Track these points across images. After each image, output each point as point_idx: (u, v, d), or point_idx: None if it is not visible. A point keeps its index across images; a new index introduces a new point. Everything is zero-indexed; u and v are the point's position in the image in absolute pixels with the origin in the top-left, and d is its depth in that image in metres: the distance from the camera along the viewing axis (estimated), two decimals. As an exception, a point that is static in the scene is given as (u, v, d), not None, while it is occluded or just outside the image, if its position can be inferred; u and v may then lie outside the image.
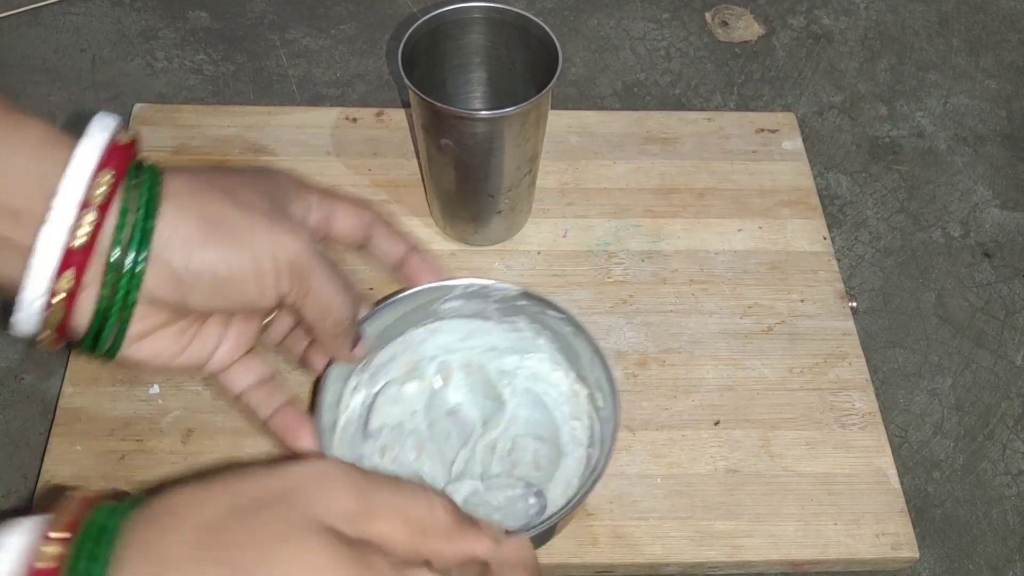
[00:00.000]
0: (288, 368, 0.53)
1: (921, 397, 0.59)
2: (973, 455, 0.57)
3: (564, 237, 0.62)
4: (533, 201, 0.62)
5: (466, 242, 0.61)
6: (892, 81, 0.76)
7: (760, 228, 0.63)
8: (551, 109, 0.56)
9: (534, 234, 0.62)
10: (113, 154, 0.41)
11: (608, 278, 0.60)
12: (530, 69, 0.56)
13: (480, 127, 0.52)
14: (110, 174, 0.40)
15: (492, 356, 0.54)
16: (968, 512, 0.55)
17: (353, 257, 0.51)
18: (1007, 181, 0.70)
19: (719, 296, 0.59)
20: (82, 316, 0.42)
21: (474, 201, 0.58)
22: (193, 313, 0.45)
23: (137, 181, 0.42)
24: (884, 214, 0.67)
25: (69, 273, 0.40)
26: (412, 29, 0.54)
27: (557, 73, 0.53)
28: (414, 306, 0.51)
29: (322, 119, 0.66)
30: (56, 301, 0.40)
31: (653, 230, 0.62)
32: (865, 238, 0.66)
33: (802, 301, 0.59)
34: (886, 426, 0.55)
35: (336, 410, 0.49)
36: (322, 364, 0.49)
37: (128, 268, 0.41)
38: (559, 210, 0.63)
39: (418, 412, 0.52)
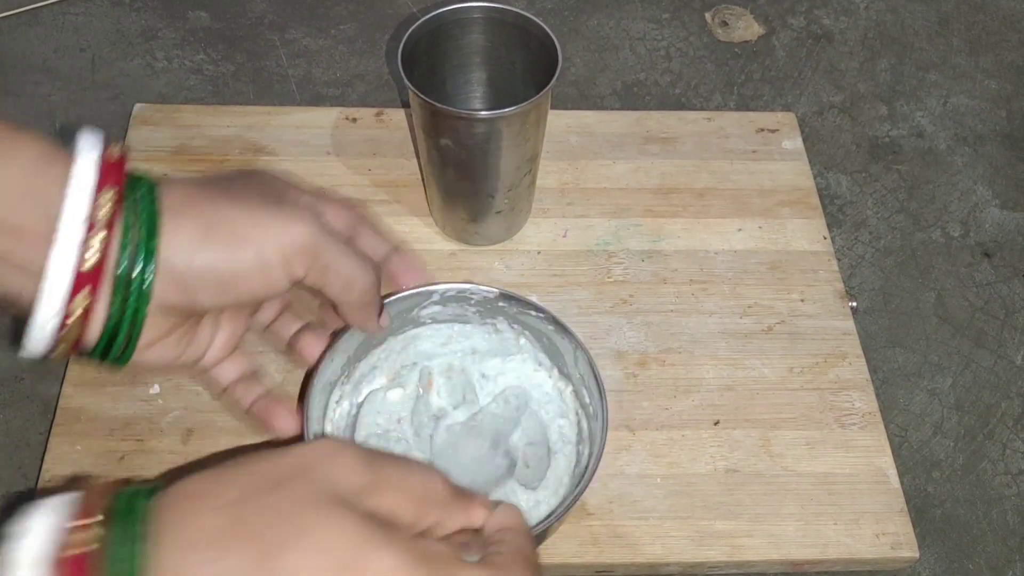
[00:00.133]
0: (278, 372, 0.53)
1: (921, 397, 0.59)
2: (973, 455, 0.57)
3: (564, 237, 0.62)
4: (533, 201, 0.62)
5: (466, 242, 0.61)
6: (892, 81, 0.76)
7: (760, 228, 0.63)
8: (551, 109, 0.56)
9: (534, 234, 0.62)
10: (109, 171, 0.41)
11: (608, 278, 0.60)
12: (530, 69, 0.56)
13: (480, 127, 0.52)
14: (112, 191, 0.41)
15: (474, 359, 0.54)
16: (968, 512, 0.55)
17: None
18: (1007, 181, 0.70)
19: (719, 296, 0.59)
20: (93, 330, 0.43)
21: (474, 201, 0.58)
22: (204, 313, 0.46)
23: (136, 196, 0.42)
24: (884, 214, 0.68)
25: (84, 293, 0.41)
26: (412, 29, 0.54)
27: (557, 73, 0.53)
28: (393, 314, 0.51)
29: (322, 119, 0.66)
30: (71, 321, 0.41)
31: (653, 230, 0.62)
32: (865, 238, 0.66)
33: (802, 301, 0.59)
34: (886, 426, 0.55)
35: (322, 423, 0.49)
36: (314, 350, 0.50)
37: (136, 284, 0.42)
38: (559, 210, 0.63)
39: (404, 419, 0.52)
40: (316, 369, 0.48)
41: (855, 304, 0.60)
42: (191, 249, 0.42)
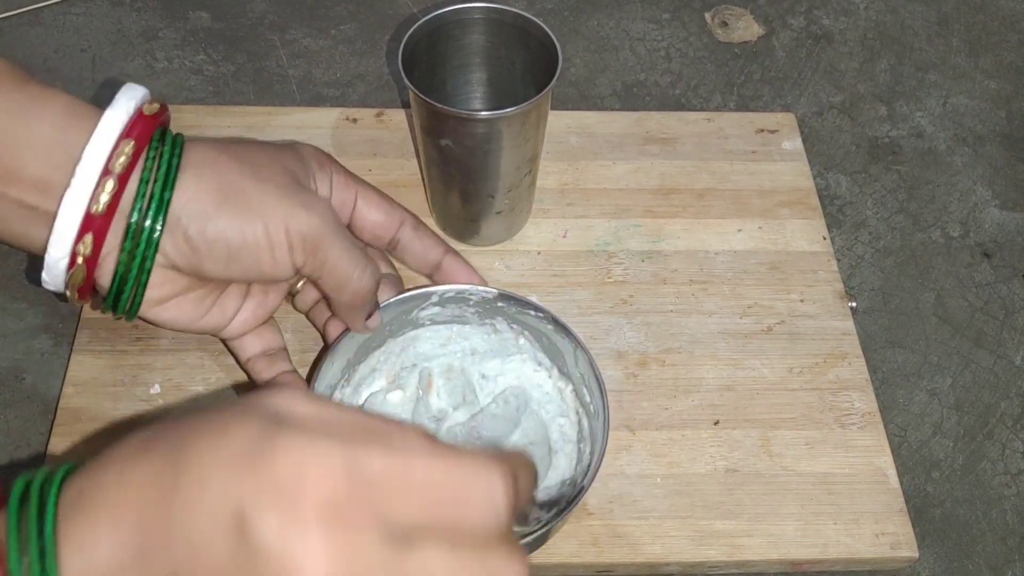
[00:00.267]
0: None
1: (920, 397, 0.59)
2: (972, 455, 0.57)
3: (564, 237, 0.62)
4: (533, 201, 0.62)
5: (466, 242, 0.61)
6: (892, 81, 0.76)
7: (760, 228, 0.63)
8: (551, 109, 0.56)
9: (534, 234, 0.62)
10: (136, 123, 0.43)
11: (608, 278, 0.60)
12: (530, 69, 0.56)
13: (480, 128, 0.52)
14: (131, 143, 0.42)
15: (473, 360, 0.54)
16: (967, 512, 0.55)
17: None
18: (1006, 181, 0.70)
19: (719, 296, 0.59)
20: (105, 278, 0.44)
21: (474, 201, 0.58)
22: (211, 281, 0.47)
23: (159, 151, 0.43)
24: (883, 214, 0.68)
25: (88, 238, 0.42)
26: (412, 30, 0.54)
27: (557, 73, 0.53)
28: (392, 316, 0.51)
29: (322, 119, 0.67)
30: (77, 264, 0.42)
31: (653, 230, 0.62)
32: (865, 238, 0.66)
33: (802, 301, 0.59)
34: (885, 426, 0.55)
35: None
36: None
37: (145, 235, 0.43)
38: (559, 210, 0.63)
39: (404, 422, 0.52)
40: (316, 372, 0.48)
41: (855, 304, 0.60)
42: (204, 214, 0.43)
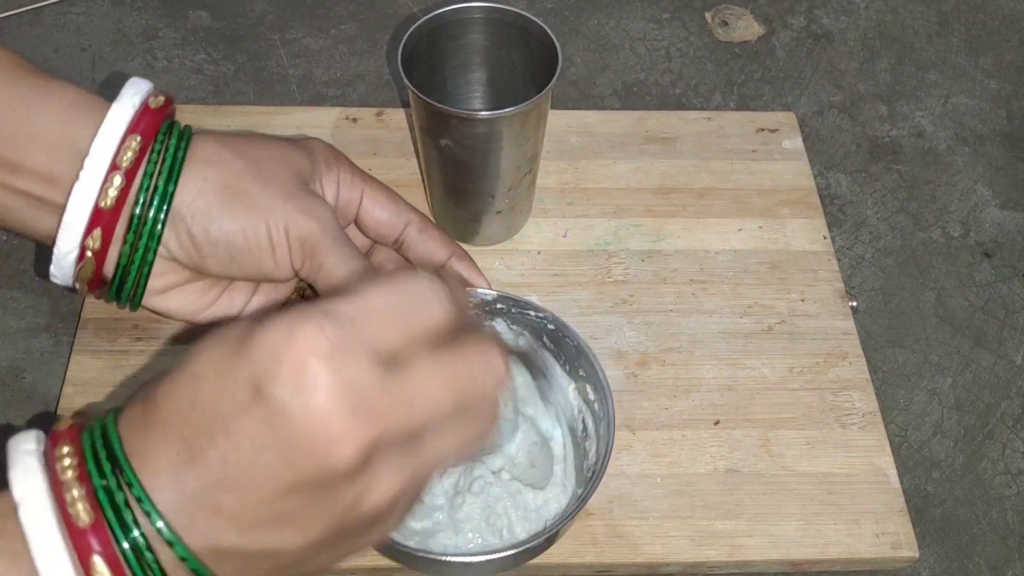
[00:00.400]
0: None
1: (921, 397, 0.59)
2: (973, 455, 0.57)
3: (564, 237, 0.62)
4: (533, 201, 0.62)
5: (466, 242, 0.61)
6: (892, 81, 0.76)
7: (760, 228, 0.63)
8: (551, 109, 0.56)
9: (534, 234, 0.62)
10: (143, 118, 0.43)
11: (608, 278, 0.60)
12: (530, 69, 0.56)
13: (480, 127, 0.52)
14: (137, 138, 0.42)
15: None
16: (968, 512, 0.55)
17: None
18: (1007, 181, 0.70)
19: (719, 296, 0.59)
20: (109, 268, 0.44)
21: (474, 201, 0.58)
22: (212, 277, 0.47)
23: (165, 144, 0.43)
24: (884, 214, 0.68)
25: (97, 232, 0.42)
26: (412, 29, 0.54)
27: (557, 73, 0.53)
28: None
29: (322, 119, 0.66)
30: (87, 257, 0.42)
31: (653, 230, 0.62)
32: (865, 238, 0.66)
33: (802, 301, 0.59)
34: (886, 426, 0.55)
35: None
36: None
37: (148, 227, 0.43)
38: (559, 210, 0.63)
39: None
40: None
41: (855, 304, 0.60)
42: (208, 214, 0.44)
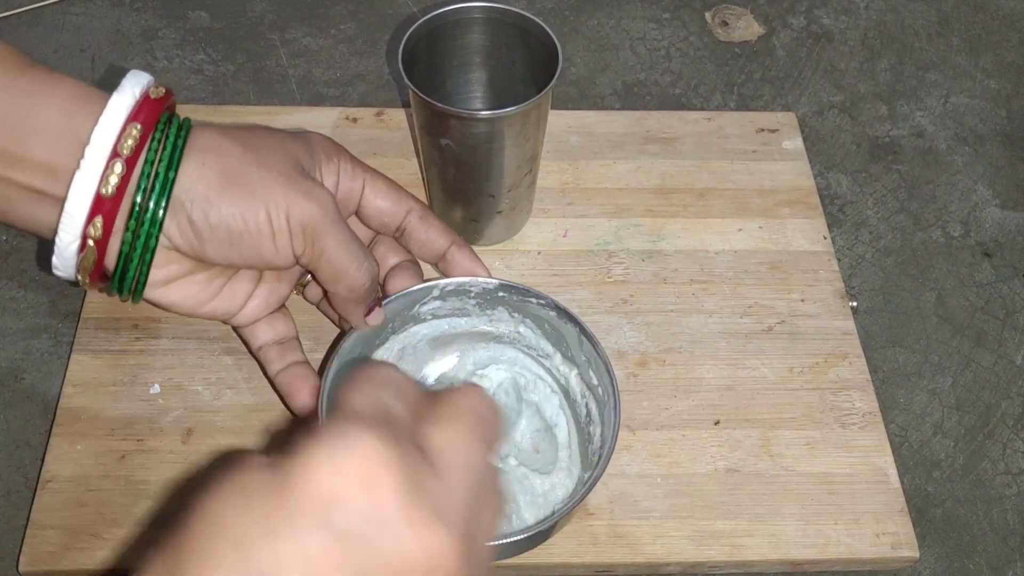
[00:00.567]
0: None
1: (921, 397, 0.59)
2: (973, 455, 0.57)
3: (564, 237, 0.62)
4: (533, 201, 0.62)
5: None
6: (892, 81, 0.76)
7: (760, 228, 0.63)
8: (551, 109, 0.56)
9: (534, 234, 0.62)
10: (143, 107, 0.43)
11: (608, 278, 0.60)
12: (530, 69, 0.56)
13: (480, 127, 0.52)
14: (138, 126, 0.42)
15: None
16: (968, 511, 0.55)
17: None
18: (1007, 181, 0.70)
19: (719, 296, 0.59)
20: (110, 259, 0.44)
21: (474, 201, 0.58)
22: (215, 265, 0.47)
23: (164, 133, 0.43)
24: (884, 214, 0.68)
25: (98, 221, 0.42)
26: (412, 29, 0.54)
27: (557, 73, 0.53)
28: (393, 313, 0.51)
29: (322, 119, 0.66)
30: (88, 247, 0.42)
31: (653, 230, 0.62)
32: (865, 238, 0.66)
33: (802, 301, 0.59)
34: (886, 426, 0.55)
35: None
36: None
37: (149, 215, 0.43)
38: (559, 210, 0.63)
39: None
40: (325, 373, 0.48)
41: (855, 304, 0.60)
42: (207, 199, 0.44)
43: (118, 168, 0.41)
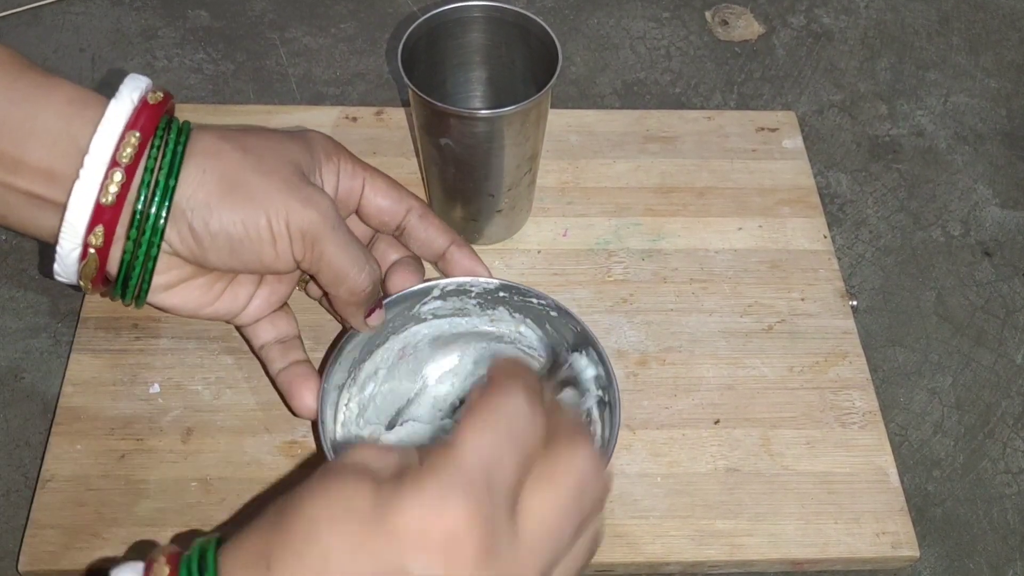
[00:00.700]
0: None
1: (921, 396, 0.59)
2: (973, 454, 0.57)
3: (564, 236, 0.62)
4: (533, 200, 0.62)
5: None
6: (892, 80, 0.76)
7: (760, 227, 0.63)
8: (551, 108, 0.56)
9: (534, 233, 0.62)
10: (141, 113, 0.43)
11: (608, 277, 0.60)
12: (530, 68, 0.56)
13: (480, 126, 0.52)
14: (136, 134, 0.42)
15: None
16: (968, 511, 0.55)
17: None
18: (1007, 180, 0.70)
19: (719, 295, 0.59)
20: (112, 266, 0.45)
21: (474, 200, 0.58)
22: (214, 270, 0.47)
23: (164, 140, 0.43)
24: (884, 213, 0.67)
25: (99, 230, 0.42)
26: (412, 28, 0.54)
27: (557, 72, 0.53)
28: (393, 313, 0.51)
29: (322, 118, 0.66)
30: (89, 255, 0.42)
31: (653, 229, 0.62)
32: (865, 237, 0.66)
33: (802, 300, 0.59)
34: (886, 425, 0.55)
35: (335, 427, 0.49)
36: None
37: (150, 223, 0.43)
38: (559, 209, 0.63)
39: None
40: (324, 374, 0.48)
41: (855, 303, 0.60)
42: (208, 206, 0.44)
43: (117, 177, 0.41)
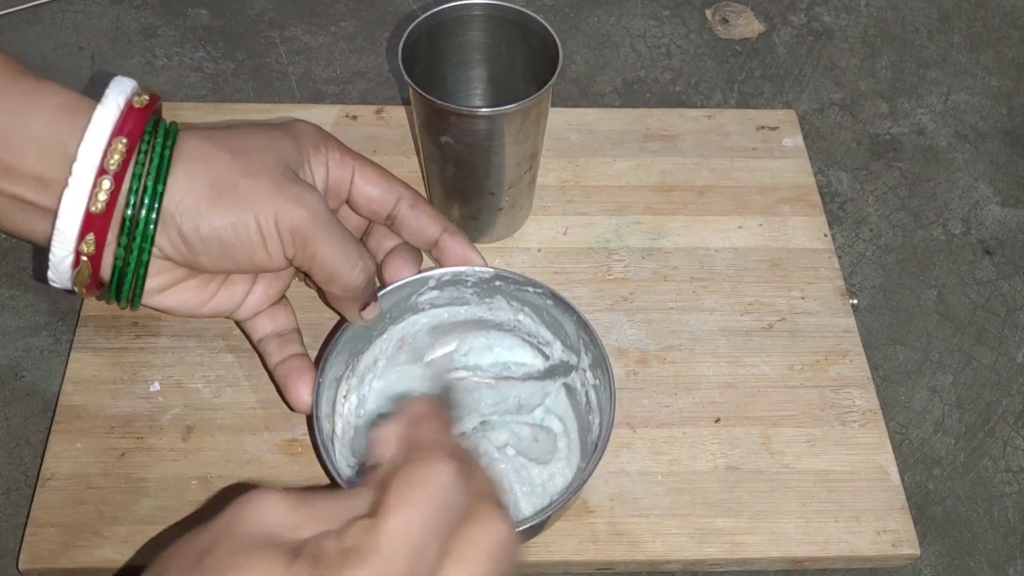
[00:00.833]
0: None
1: (922, 394, 0.59)
2: (974, 452, 0.57)
3: (565, 234, 0.62)
4: (533, 198, 0.62)
5: (466, 239, 0.61)
6: (893, 78, 0.76)
7: (761, 225, 0.63)
8: (551, 106, 0.56)
9: (535, 231, 0.62)
10: (128, 118, 0.43)
11: (609, 275, 0.60)
12: (530, 66, 0.56)
13: (480, 124, 0.52)
14: (123, 141, 0.42)
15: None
16: (969, 509, 0.55)
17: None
18: (1008, 178, 0.70)
19: (720, 293, 0.59)
20: (106, 271, 0.45)
21: (475, 198, 0.58)
22: (207, 273, 0.48)
23: (151, 144, 0.43)
24: (885, 211, 0.67)
25: (90, 238, 0.43)
26: (412, 26, 0.54)
27: (557, 70, 0.52)
28: (391, 303, 0.51)
29: (322, 117, 0.66)
30: (82, 262, 0.43)
31: (654, 227, 0.62)
32: (866, 235, 0.66)
33: (803, 298, 0.59)
34: (887, 423, 0.55)
35: (332, 419, 0.49)
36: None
37: (140, 228, 0.44)
38: (560, 207, 0.63)
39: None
40: (321, 366, 0.48)
41: (856, 301, 0.60)
42: (197, 212, 0.44)
43: (106, 185, 0.41)
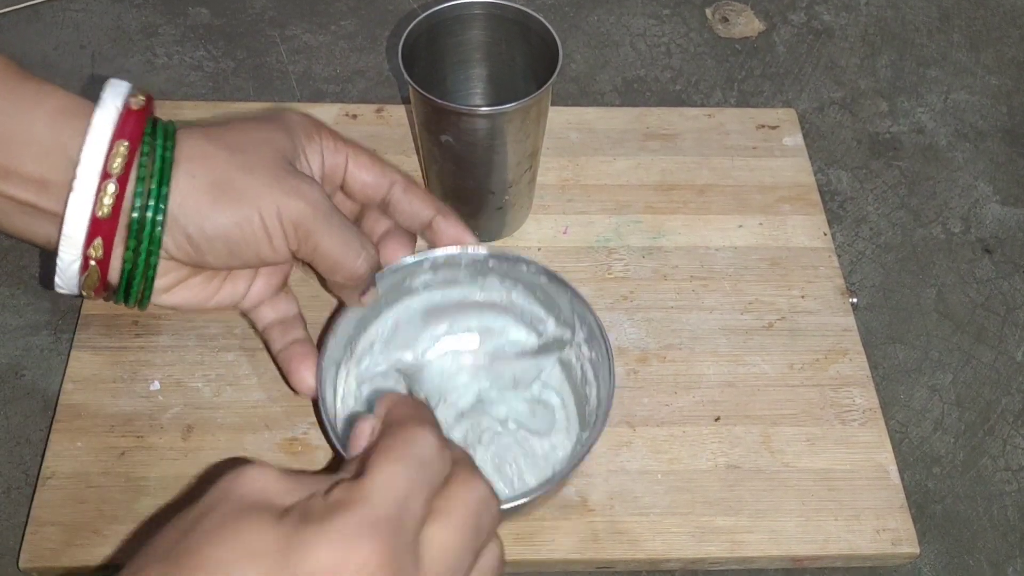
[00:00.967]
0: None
1: (921, 393, 0.59)
2: (973, 451, 0.57)
3: (564, 233, 0.62)
4: (533, 197, 0.62)
5: (466, 238, 0.61)
6: (892, 77, 0.76)
7: (761, 224, 0.63)
8: (551, 105, 0.56)
9: (535, 230, 0.62)
10: (127, 121, 0.43)
11: (609, 274, 0.60)
12: (530, 65, 0.56)
13: (480, 123, 0.52)
14: (125, 143, 0.42)
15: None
16: (968, 508, 0.55)
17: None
18: (1008, 177, 0.70)
19: (720, 292, 0.59)
20: (114, 273, 0.45)
21: (475, 197, 0.58)
22: (213, 270, 0.48)
23: (151, 146, 0.44)
24: (884, 210, 0.67)
25: (98, 242, 0.43)
26: (412, 25, 0.54)
27: (557, 69, 0.52)
28: (385, 287, 0.51)
29: (322, 115, 0.66)
30: (91, 266, 0.43)
31: (654, 226, 0.62)
32: (866, 234, 0.66)
33: (803, 297, 0.59)
34: (886, 422, 0.55)
35: (335, 402, 0.50)
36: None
37: (148, 231, 0.44)
38: (559, 206, 0.63)
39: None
40: (322, 351, 0.49)
41: (855, 300, 0.60)
42: (201, 213, 0.44)
43: (111, 189, 0.42)
